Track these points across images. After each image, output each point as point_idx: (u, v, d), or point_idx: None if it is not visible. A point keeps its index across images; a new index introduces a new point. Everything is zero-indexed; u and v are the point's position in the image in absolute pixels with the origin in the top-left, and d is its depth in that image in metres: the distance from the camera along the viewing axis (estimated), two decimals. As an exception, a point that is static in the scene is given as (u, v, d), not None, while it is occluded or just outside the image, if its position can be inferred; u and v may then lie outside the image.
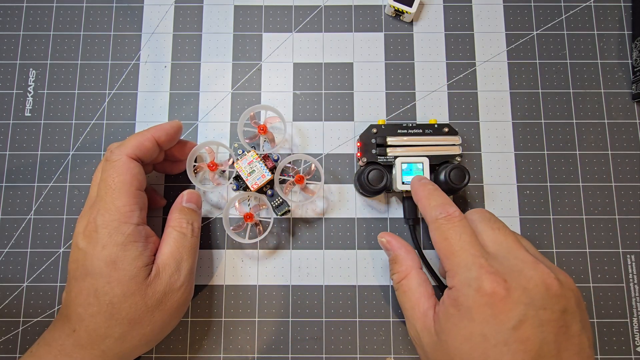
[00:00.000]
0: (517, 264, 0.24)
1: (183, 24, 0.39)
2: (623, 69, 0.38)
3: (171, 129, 0.31)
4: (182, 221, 0.30)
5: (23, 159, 0.37)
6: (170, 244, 0.29)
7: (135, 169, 0.29)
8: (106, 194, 0.28)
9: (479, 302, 0.23)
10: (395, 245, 0.31)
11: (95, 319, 0.27)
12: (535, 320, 0.22)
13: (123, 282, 0.27)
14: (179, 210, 0.31)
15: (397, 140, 0.34)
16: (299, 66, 0.38)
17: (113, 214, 0.27)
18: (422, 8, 0.39)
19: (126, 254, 0.27)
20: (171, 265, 0.29)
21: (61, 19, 0.39)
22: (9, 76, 0.38)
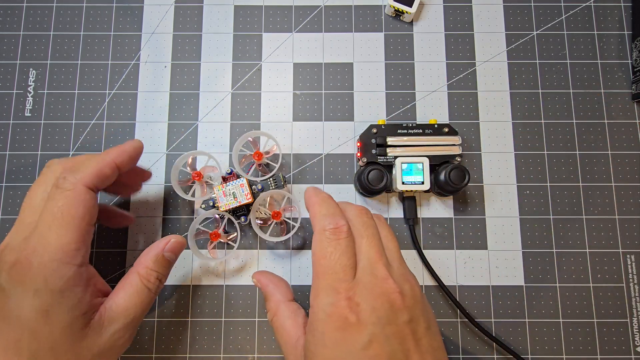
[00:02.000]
0: (372, 281, 0.24)
1: (183, 24, 0.39)
2: (623, 69, 0.38)
3: (134, 151, 0.28)
4: (153, 274, 0.27)
5: (23, 159, 0.37)
6: (130, 296, 0.26)
7: (91, 202, 0.25)
8: (50, 228, 0.24)
9: (331, 327, 0.23)
10: (263, 283, 0.30)
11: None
12: (382, 337, 0.23)
13: (54, 335, 0.23)
14: (154, 259, 0.28)
15: (397, 140, 0.34)
16: (299, 66, 0.38)
17: (54, 254, 0.23)
18: (422, 8, 0.39)
19: (62, 302, 0.23)
20: (120, 321, 0.25)
21: (61, 19, 0.39)
22: (9, 76, 0.38)
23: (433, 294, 0.35)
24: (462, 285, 0.35)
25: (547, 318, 0.34)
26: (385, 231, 0.28)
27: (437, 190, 0.35)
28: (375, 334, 0.23)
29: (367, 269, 0.25)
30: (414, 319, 0.24)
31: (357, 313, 0.23)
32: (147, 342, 0.34)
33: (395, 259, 0.27)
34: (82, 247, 0.25)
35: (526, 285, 0.35)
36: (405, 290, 0.25)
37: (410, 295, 0.25)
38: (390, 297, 0.24)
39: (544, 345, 0.34)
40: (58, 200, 0.24)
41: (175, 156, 0.37)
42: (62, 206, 0.24)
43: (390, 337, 0.23)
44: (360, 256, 0.26)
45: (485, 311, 0.34)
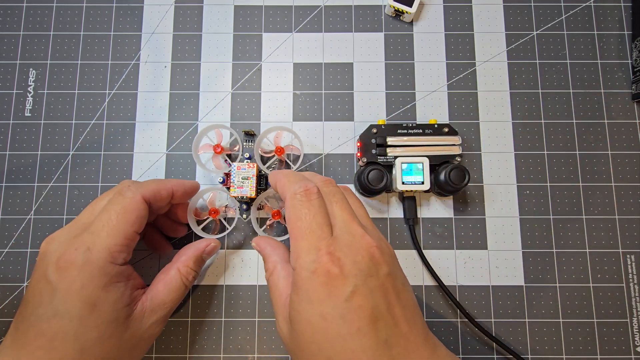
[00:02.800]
0: (349, 239, 0.25)
1: (183, 24, 0.39)
2: (623, 69, 0.38)
3: (190, 187, 0.31)
4: (192, 273, 0.30)
5: (23, 159, 0.37)
6: (170, 291, 0.29)
7: (144, 212, 0.28)
8: (103, 228, 0.26)
9: (315, 283, 0.24)
10: (262, 245, 0.31)
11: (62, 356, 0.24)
12: (365, 289, 0.23)
13: (100, 326, 0.25)
14: (195, 258, 0.30)
15: (397, 140, 0.34)
16: (299, 66, 0.38)
17: (101, 252, 0.26)
18: (422, 8, 0.39)
19: (107, 297, 0.25)
20: (159, 312, 0.28)
21: (61, 19, 0.39)
22: (9, 76, 0.38)
23: (433, 294, 0.35)
24: (462, 285, 0.35)
25: (547, 318, 0.34)
26: (352, 199, 0.29)
27: (437, 190, 0.35)
28: (358, 285, 0.23)
29: (343, 228, 0.25)
30: (392, 274, 0.25)
31: (340, 266, 0.24)
32: (147, 342, 0.34)
33: (368, 223, 0.28)
34: (125, 250, 0.27)
35: (526, 285, 0.35)
36: (382, 246, 0.25)
37: (387, 252, 0.25)
38: (370, 251, 0.24)
39: (544, 345, 0.34)
40: (116, 204, 0.27)
41: (175, 156, 0.37)
42: (119, 210, 0.27)
43: (373, 289, 0.24)
44: (335, 220, 0.26)
45: (485, 311, 0.34)
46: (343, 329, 0.23)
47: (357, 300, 0.23)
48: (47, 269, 0.25)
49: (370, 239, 0.25)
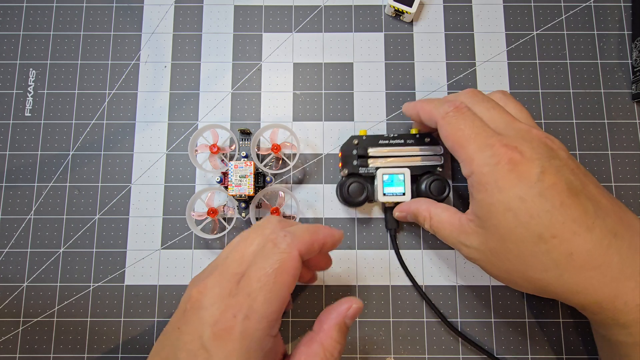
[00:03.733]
0: (517, 133, 0.26)
1: (183, 24, 0.39)
2: (623, 69, 0.38)
3: (338, 239, 0.26)
4: (337, 347, 0.24)
5: (23, 159, 0.37)
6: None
7: (299, 270, 0.23)
8: (260, 291, 0.22)
9: (501, 172, 0.25)
10: (405, 208, 0.33)
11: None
12: (552, 168, 0.24)
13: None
14: (339, 328, 0.24)
15: (378, 151, 0.34)
16: (299, 66, 0.38)
17: (259, 323, 0.21)
18: (422, 8, 0.39)
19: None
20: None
21: (61, 19, 0.39)
22: (9, 76, 0.38)
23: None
24: (462, 285, 0.35)
25: (547, 318, 0.34)
26: (512, 103, 0.30)
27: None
28: (545, 165, 0.24)
29: (507, 127, 0.27)
30: (571, 157, 0.26)
31: (520, 152, 0.25)
32: (147, 342, 0.34)
33: (532, 123, 0.29)
34: (280, 317, 0.23)
35: (526, 285, 0.35)
36: (553, 138, 0.27)
37: (559, 143, 0.27)
38: (543, 141, 0.26)
39: (544, 345, 0.34)
40: (274, 261, 0.22)
41: (175, 156, 0.37)
42: (276, 269, 0.22)
43: (560, 169, 0.25)
44: (495, 123, 0.27)
45: (485, 311, 0.34)
46: (546, 204, 0.24)
47: (549, 178, 0.24)
48: (204, 332, 0.21)
49: (539, 132, 0.26)
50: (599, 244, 0.24)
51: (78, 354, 0.34)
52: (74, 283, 0.35)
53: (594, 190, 0.25)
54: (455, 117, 0.27)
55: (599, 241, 0.24)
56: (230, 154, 0.36)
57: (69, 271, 0.35)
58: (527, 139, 0.26)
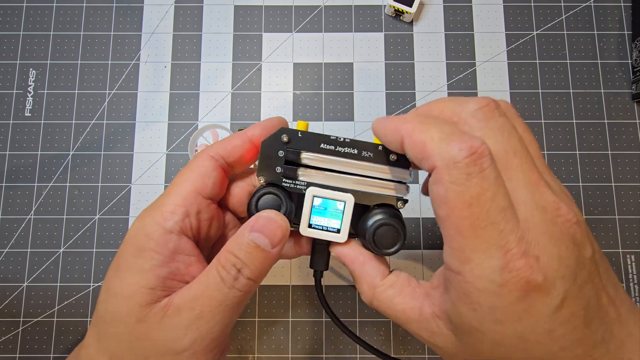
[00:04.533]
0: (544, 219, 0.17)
1: (183, 24, 0.39)
2: (623, 69, 0.38)
3: (268, 123, 0.23)
4: (230, 259, 0.20)
5: (23, 159, 0.37)
6: (200, 287, 0.20)
7: (206, 169, 0.22)
8: (168, 188, 0.22)
9: (507, 299, 0.17)
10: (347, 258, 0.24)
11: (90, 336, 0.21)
12: (575, 290, 0.17)
13: (117, 297, 0.20)
14: (237, 241, 0.20)
15: (316, 159, 0.23)
16: (299, 66, 0.38)
17: (152, 210, 0.21)
18: (422, 8, 0.39)
19: (133, 262, 0.20)
20: (184, 313, 0.19)
21: (61, 19, 0.39)
22: (9, 76, 0.38)
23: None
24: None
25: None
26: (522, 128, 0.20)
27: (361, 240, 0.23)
28: (569, 290, 0.17)
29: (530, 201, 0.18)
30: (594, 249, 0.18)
31: (542, 270, 0.17)
32: (147, 342, 0.34)
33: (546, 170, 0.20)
34: (179, 212, 0.21)
35: (526, 285, 0.35)
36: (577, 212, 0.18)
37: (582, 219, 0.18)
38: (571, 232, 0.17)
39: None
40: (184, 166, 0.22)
41: (175, 156, 0.37)
42: (182, 170, 0.22)
43: (583, 286, 0.17)
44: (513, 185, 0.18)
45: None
46: (553, 346, 0.17)
47: (568, 308, 0.17)
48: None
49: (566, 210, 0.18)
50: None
51: (78, 354, 0.34)
52: (74, 283, 0.35)
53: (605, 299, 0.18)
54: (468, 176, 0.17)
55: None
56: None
57: (69, 271, 0.35)
58: (555, 234, 0.17)
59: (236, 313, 0.21)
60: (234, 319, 0.21)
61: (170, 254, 0.20)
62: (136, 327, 0.19)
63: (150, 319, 0.19)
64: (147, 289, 0.20)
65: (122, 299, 0.20)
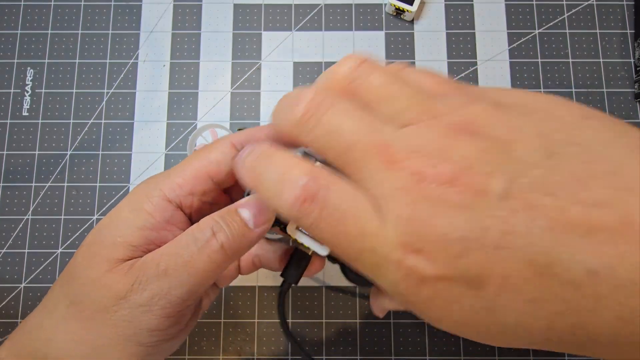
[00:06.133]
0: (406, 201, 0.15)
1: (182, 23, 0.39)
2: (625, 68, 0.38)
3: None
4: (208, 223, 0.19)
5: (20, 158, 0.36)
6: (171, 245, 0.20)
7: (224, 155, 0.21)
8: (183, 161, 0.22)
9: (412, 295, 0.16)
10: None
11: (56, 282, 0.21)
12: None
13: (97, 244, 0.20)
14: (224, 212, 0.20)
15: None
16: (299, 65, 0.38)
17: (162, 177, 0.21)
18: (423, 6, 0.39)
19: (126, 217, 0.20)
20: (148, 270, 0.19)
21: (59, 18, 0.38)
22: (6, 75, 0.38)
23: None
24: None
25: (549, 319, 0.34)
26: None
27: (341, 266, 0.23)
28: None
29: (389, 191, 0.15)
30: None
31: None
32: (145, 344, 0.34)
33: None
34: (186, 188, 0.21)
35: (528, 286, 0.35)
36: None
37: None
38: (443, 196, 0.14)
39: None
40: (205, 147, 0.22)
41: (174, 156, 0.36)
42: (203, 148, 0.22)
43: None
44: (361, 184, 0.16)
45: (486, 312, 0.34)
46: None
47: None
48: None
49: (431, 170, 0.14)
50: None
51: (76, 356, 0.34)
52: (72, 284, 0.35)
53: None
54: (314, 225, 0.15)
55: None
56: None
57: (67, 272, 0.35)
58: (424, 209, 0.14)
59: (202, 284, 0.19)
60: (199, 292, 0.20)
61: (163, 222, 0.20)
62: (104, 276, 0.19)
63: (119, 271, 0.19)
64: (129, 245, 0.20)
65: (103, 247, 0.20)
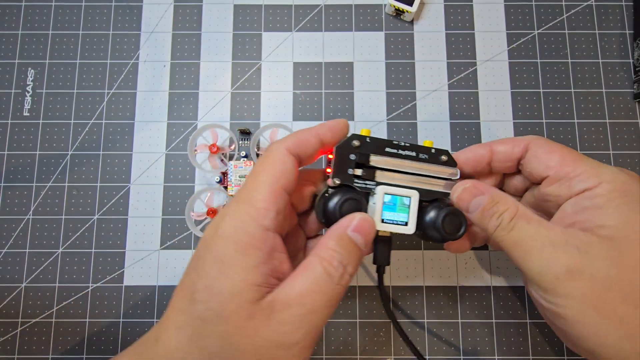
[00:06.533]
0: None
1: (182, 23, 0.39)
2: (624, 68, 0.38)
3: (337, 126, 0.25)
4: (335, 256, 0.21)
5: (21, 158, 0.36)
6: (307, 279, 0.21)
7: (288, 164, 0.23)
8: (248, 183, 0.23)
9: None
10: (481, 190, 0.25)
11: (179, 331, 0.20)
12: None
13: (223, 294, 0.20)
14: (337, 238, 0.22)
15: (383, 161, 0.26)
16: (299, 65, 0.38)
17: (245, 207, 0.22)
18: (423, 7, 0.39)
19: (239, 258, 0.20)
20: (294, 309, 0.20)
21: (60, 18, 0.39)
22: (7, 75, 0.38)
23: (434, 295, 0.35)
24: (462, 285, 0.35)
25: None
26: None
27: (418, 233, 0.27)
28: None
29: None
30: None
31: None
32: (146, 343, 0.34)
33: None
34: (273, 209, 0.21)
35: (527, 285, 0.35)
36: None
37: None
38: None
39: (545, 346, 0.34)
40: (260, 161, 0.23)
41: (175, 156, 0.37)
42: (262, 165, 0.23)
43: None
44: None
45: (486, 312, 0.34)
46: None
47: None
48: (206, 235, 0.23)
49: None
50: None
51: (77, 355, 0.34)
52: (72, 284, 0.35)
53: None
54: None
55: None
56: (230, 154, 0.36)
57: (68, 272, 0.35)
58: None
59: (334, 310, 0.22)
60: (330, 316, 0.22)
61: (269, 252, 0.21)
62: (246, 324, 0.20)
63: (259, 316, 0.20)
64: (254, 285, 0.20)
65: (230, 296, 0.20)
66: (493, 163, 0.28)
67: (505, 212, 0.24)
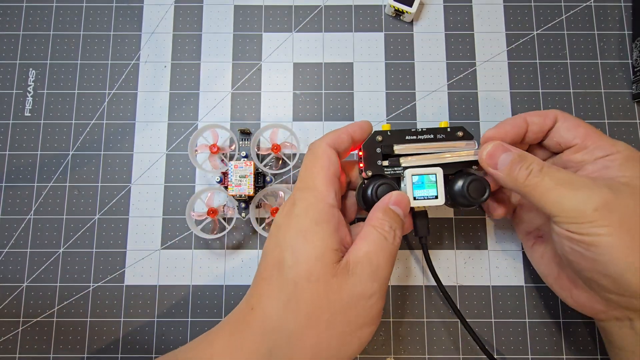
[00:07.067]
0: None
1: (183, 24, 0.39)
2: (623, 69, 0.38)
3: (364, 124, 0.30)
4: (385, 223, 0.26)
5: (23, 159, 0.37)
6: (369, 243, 0.26)
7: (332, 156, 0.28)
8: (305, 175, 0.28)
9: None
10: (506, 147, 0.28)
11: (272, 299, 0.25)
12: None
13: (309, 259, 0.24)
14: (383, 211, 0.27)
15: (406, 148, 0.30)
16: (299, 66, 0.38)
17: (311, 191, 0.27)
18: (422, 8, 0.39)
19: (317, 229, 0.25)
20: (365, 266, 0.25)
21: (61, 19, 0.39)
22: (8, 76, 0.38)
23: (433, 294, 0.35)
24: (462, 285, 0.35)
25: (547, 318, 0.34)
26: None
27: (448, 202, 0.30)
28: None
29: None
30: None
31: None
32: (147, 343, 0.34)
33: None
34: (332, 190, 0.27)
35: (526, 285, 0.35)
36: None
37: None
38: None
39: (545, 346, 0.34)
40: (309, 157, 0.29)
41: (175, 156, 0.37)
42: (311, 159, 0.28)
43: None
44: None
45: (485, 311, 0.34)
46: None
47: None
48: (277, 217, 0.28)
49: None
50: None
51: (78, 354, 0.34)
52: (73, 283, 0.35)
53: None
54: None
55: None
56: (230, 154, 0.36)
57: (69, 271, 0.35)
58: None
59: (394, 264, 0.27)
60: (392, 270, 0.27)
61: (337, 224, 0.26)
62: (332, 281, 0.24)
63: (340, 274, 0.24)
64: (332, 250, 0.25)
65: (315, 260, 0.24)
66: (528, 134, 0.30)
67: (533, 163, 0.27)
